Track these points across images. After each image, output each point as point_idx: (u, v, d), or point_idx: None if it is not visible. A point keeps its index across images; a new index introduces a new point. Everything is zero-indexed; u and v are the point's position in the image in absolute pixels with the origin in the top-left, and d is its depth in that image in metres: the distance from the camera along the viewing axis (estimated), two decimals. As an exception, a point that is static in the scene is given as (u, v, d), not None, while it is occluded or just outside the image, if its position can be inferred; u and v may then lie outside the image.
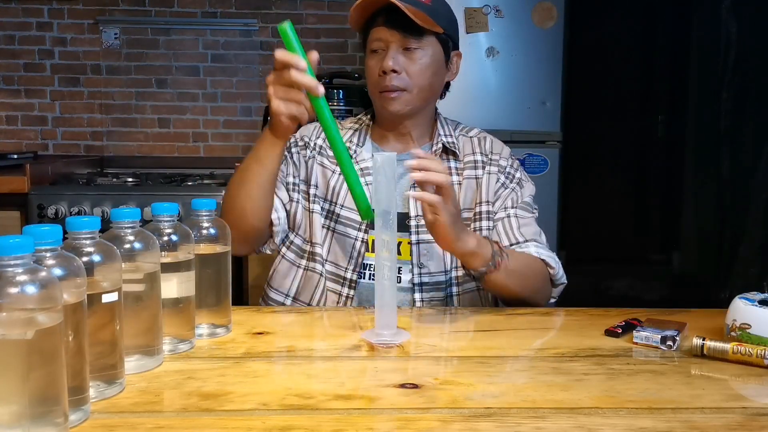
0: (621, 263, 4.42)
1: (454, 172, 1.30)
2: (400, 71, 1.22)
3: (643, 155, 4.71)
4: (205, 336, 0.96)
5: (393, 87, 1.22)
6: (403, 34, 1.21)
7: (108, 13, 2.92)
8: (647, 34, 4.58)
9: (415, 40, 1.22)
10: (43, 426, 0.60)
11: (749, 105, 3.35)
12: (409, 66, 1.22)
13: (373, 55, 1.25)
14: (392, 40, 1.22)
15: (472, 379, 0.81)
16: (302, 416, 0.70)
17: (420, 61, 1.23)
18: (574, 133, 3.45)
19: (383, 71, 1.22)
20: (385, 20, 1.21)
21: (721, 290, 3.32)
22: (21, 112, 2.95)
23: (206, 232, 0.96)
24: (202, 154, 2.99)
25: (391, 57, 1.21)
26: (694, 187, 3.97)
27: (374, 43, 1.24)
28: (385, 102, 1.25)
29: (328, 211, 1.28)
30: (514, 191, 1.29)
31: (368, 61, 1.27)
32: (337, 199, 1.28)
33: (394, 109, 1.24)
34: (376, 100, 1.28)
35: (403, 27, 1.20)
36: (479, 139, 1.35)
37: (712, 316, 1.03)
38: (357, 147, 1.31)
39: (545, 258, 1.22)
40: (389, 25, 1.21)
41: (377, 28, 1.23)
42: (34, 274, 0.60)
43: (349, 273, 1.25)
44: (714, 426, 0.69)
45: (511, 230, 1.25)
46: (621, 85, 4.56)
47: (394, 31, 1.21)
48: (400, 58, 1.22)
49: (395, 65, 1.21)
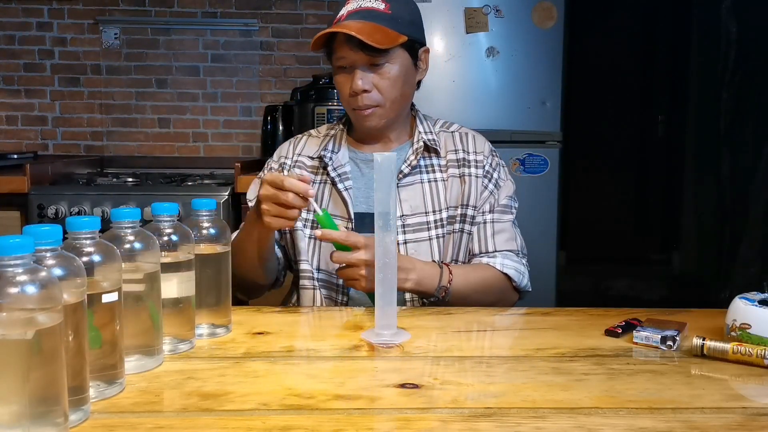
0: (621, 263, 4.42)
1: (437, 168, 1.30)
2: (371, 89, 1.21)
3: (643, 155, 4.71)
4: (205, 336, 0.96)
5: (365, 105, 1.22)
6: (368, 53, 1.18)
7: (108, 13, 2.92)
8: (647, 34, 4.58)
9: (381, 56, 1.20)
10: (43, 426, 0.60)
11: (749, 105, 3.35)
12: (379, 82, 1.22)
13: (341, 71, 1.24)
14: (357, 59, 1.20)
15: (472, 379, 0.81)
16: (302, 416, 0.70)
17: (389, 75, 1.22)
18: (574, 133, 3.45)
19: (354, 92, 1.21)
20: (347, 38, 1.18)
21: (721, 290, 3.32)
22: (21, 112, 2.94)
23: (206, 232, 0.96)
24: (202, 154, 2.99)
25: (360, 77, 1.20)
26: (694, 187, 3.97)
27: (339, 60, 1.22)
28: (359, 119, 1.25)
29: (312, 221, 1.28)
30: (492, 194, 1.31)
31: (336, 77, 1.25)
32: (320, 205, 1.28)
33: (370, 125, 1.25)
34: (351, 116, 1.28)
35: (363, 46, 1.17)
36: (461, 135, 1.34)
37: (712, 316, 1.03)
38: (332, 153, 1.30)
39: (508, 272, 1.25)
40: (352, 45, 1.18)
41: (341, 46, 1.20)
42: (34, 274, 0.60)
43: (341, 279, 1.25)
44: (714, 426, 0.69)
45: (485, 238, 1.28)
46: (621, 85, 4.56)
47: (357, 50, 1.18)
48: (369, 75, 1.21)
49: (365, 85, 1.20)
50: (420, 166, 1.30)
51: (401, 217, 1.26)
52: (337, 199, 1.27)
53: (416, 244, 1.25)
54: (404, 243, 1.25)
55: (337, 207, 1.27)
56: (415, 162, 1.29)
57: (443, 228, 1.28)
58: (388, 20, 1.19)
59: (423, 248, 1.25)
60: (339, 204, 1.27)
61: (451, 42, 2.47)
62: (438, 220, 1.28)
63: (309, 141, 1.35)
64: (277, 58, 2.96)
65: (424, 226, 1.27)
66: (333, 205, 1.27)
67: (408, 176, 1.28)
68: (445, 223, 1.28)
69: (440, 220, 1.28)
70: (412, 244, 1.25)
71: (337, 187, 1.27)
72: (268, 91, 2.97)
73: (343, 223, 1.26)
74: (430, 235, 1.26)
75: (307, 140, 1.35)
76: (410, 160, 1.29)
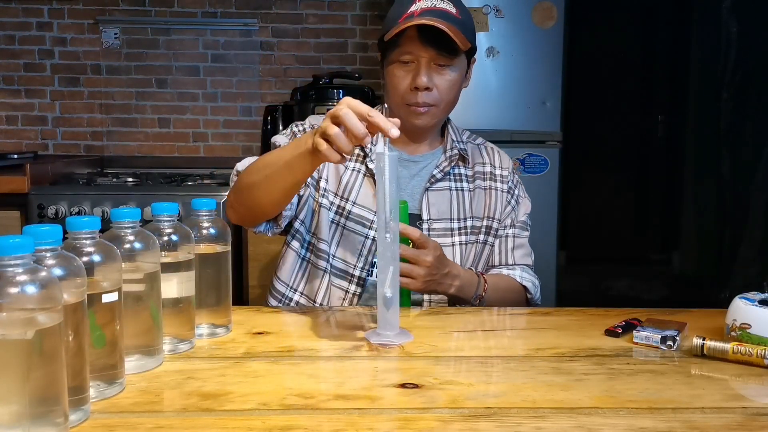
0: (621, 263, 4.43)
1: (465, 178, 1.33)
2: (432, 88, 1.22)
3: (643, 155, 4.71)
4: (205, 336, 0.96)
5: (424, 103, 1.22)
6: (438, 52, 1.19)
7: (108, 13, 2.91)
8: (647, 35, 4.59)
9: (448, 58, 1.20)
10: (43, 426, 0.60)
11: (749, 105, 3.35)
12: (440, 82, 1.22)
13: (402, 66, 1.22)
14: (425, 56, 1.20)
15: (472, 379, 0.81)
16: (302, 416, 0.70)
17: (449, 78, 1.23)
18: (574, 133, 3.46)
19: (416, 87, 1.21)
20: (420, 34, 1.18)
21: (721, 290, 3.33)
22: (21, 112, 2.94)
23: (206, 232, 0.96)
24: (202, 154, 2.99)
25: (425, 74, 1.20)
26: (694, 187, 3.97)
27: (405, 55, 1.21)
28: (412, 116, 1.25)
29: (339, 207, 1.28)
30: (514, 210, 1.35)
31: (395, 70, 1.23)
32: (349, 196, 1.27)
33: (422, 123, 1.26)
34: (400, 111, 1.25)
35: (438, 44, 1.18)
36: (486, 149, 1.39)
37: (712, 316, 1.03)
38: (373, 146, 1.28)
39: (526, 284, 1.30)
40: (424, 41, 1.18)
41: (410, 41, 1.19)
42: (34, 274, 0.60)
43: (357, 270, 1.26)
44: (714, 426, 0.69)
45: (506, 251, 1.34)
46: (621, 85, 4.56)
47: (429, 47, 1.19)
48: (432, 74, 1.21)
49: (429, 83, 1.20)
50: (450, 173, 1.32)
51: (428, 220, 1.28)
52: (366, 191, 1.27)
53: None
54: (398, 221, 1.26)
55: (365, 199, 1.27)
56: (447, 168, 1.31)
57: (466, 236, 1.30)
58: (460, 24, 1.19)
59: (446, 253, 1.24)
60: (368, 196, 1.27)
61: (451, 42, 2.46)
62: (462, 228, 1.30)
63: None
64: (277, 58, 2.96)
65: (449, 232, 1.29)
66: (362, 196, 1.27)
67: (439, 181, 1.31)
68: (468, 231, 1.30)
69: (464, 228, 1.30)
70: None
71: (373, 179, 1.26)
72: (268, 91, 2.97)
73: (372, 216, 1.25)
74: (453, 242, 1.29)
75: None
76: (443, 166, 1.31)
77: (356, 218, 1.27)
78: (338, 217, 1.28)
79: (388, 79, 1.26)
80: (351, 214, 1.27)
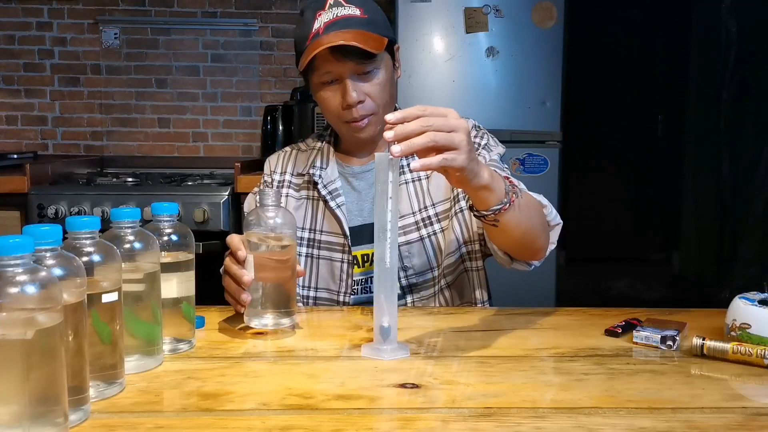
0: (621, 263, 4.43)
1: None
2: (364, 99, 1.16)
3: (643, 155, 4.71)
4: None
5: (361, 117, 1.16)
6: (357, 62, 1.13)
7: (108, 13, 2.92)
8: (647, 34, 4.59)
9: (370, 63, 1.14)
10: (43, 426, 0.60)
11: (749, 105, 3.35)
12: (370, 89, 1.16)
13: (327, 86, 1.17)
14: (344, 70, 1.14)
15: (472, 379, 0.81)
16: (302, 416, 0.70)
17: (379, 81, 1.16)
18: (574, 133, 3.46)
19: (348, 105, 1.15)
20: (331, 52, 1.11)
21: (721, 290, 3.33)
22: (21, 112, 2.95)
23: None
24: (202, 154, 2.99)
25: (353, 88, 1.14)
26: (694, 187, 3.97)
27: (324, 75, 1.16)
28: (354, 131, 1.19)
29: (309, 240, 1.26)
30: (480, 156, 1.21)
31: (322, 92, 1.18)
32: (316, 226, 1.26)
33: (367, 134, 1.20)
34: (341, 129, 1.22)
35: (353, 56, 1.12)
36: None
37: (712, 316, 1.03)
38: (321, 170, 1.26)
39: (536, 196, 1.10)
40: (339, 57, 1.12)
41: (325, 61, 1.13)
42: (34, 274, 0.60)
43: (341, 296, 1.24)
44: (714, 426, 0.69)
45: None
46: (621, 85, 4.56)
47: (346, 61, 1.12)
48: (359, 84, 1.15)
49: (359, 96, 1.14)
50: (403, 166, 1.26)
51: None
52: (329, 217, 1.25)
53: (408, 246, 1.23)
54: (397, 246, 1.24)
55: (330, 224, 1.25)
56: None
57: (432, 225, 1.25)
58: (368, 24, 1.13)
59: (416, 249, 1.23)
60: (332, 221, 1.25)
61: (451, 42, 2.47)
62: (426, 218, 1.25)
63: (298, 156, 1.32)
64: (277, 58, 2.96)
65: (414, 226, 1.24)
66: (326, 223, 1.25)
67: None
68: (434, 220, 1.25)
69: (428, 218, 1.25)
70: (404, 246, 1.23)
71: (329, 206, 1.24)
72: (267, 91, 2.97)
73: (340, 240, 1.24)
74: (421, 235, 1.24)
75: (297, 155, 1.32)
76: None
77: (327, 245, 1.25)
78: (311, 249, 1.26)
79: (319, 103, 1.21)
80: (322, 243, 1.25)
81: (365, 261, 1.24)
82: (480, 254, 1.27)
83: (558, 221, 1.13)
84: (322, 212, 1.26)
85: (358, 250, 1.23)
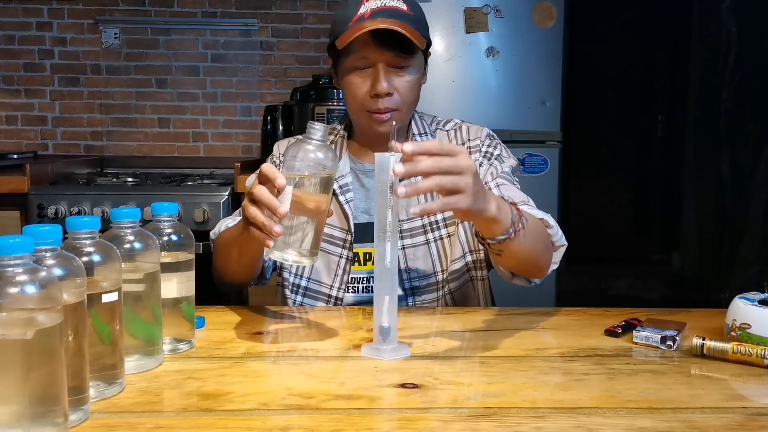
0: (621, 263, 4.43)
1: None
2: (393, 92, 1.16)
3: (643, 155, 4.71)
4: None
5: (386, 109, 1.17)
6: (396, 54, 1.14)
7: (108, 13, 2.92)
8: (647, 34, 4.59)
9: (408, 58, 1.16)
10: (43, 426, 0.60)
11: (749, 105, 3.35)
12: (400, 85, 1.17)
13: (358, 72, 1.17)
14: (381, 60, 1.14)
15: (472, 379, 0.81)
16: (302, 416, 0.70)
17: (409, 80, 1.17)
18: (574, 133, 3.46)
19: (376, 94, 1.15)
20: (374, 38, 1.12)
21: (721, 290, 3.32)
22: (21, 112, 2.95)
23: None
24: (202, 154, 2.99)
25: (384, 78, 1.14)
26: (694, 187, 3.97)
27: (360, 61, 1.16)
28: (375, 123, 1.19)
29: None
30: (492, 166, 1.25)
31: (352, 77, 1.18)
32: None
33: (386, 129, 1.19)
34: (361, 119, 1.21)
35: (394, 46, 1.13)
36: (455, 131, 1.30)
37: (712, 316, 1.03)
38: None
39: (542, 217, 1.11)
40: (380, 44, 1.13)
41: (364, 45, 1.14)
42: (34, 274, 0.60)
43: (334, 291, 1.24)
44: (714, 426, 0.69)
45: None
46: (621, 85, 4.56)
47: (385, 50, 1.13)
48: (391, 77, 1.16)
49: (390, 87, 1.15)
50: None
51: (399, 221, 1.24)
52: (337, 211, 1.25)
53: (414, 249, 1.23)
54: (402, 248, 1.23)
55: (337, 218, 1.25)
56: None
57: (439, 230, 1.25)
58: (413, 21, 1.13)
59: (421, 252, 1.23)
60: (339, 215, 1.25)
61: (451, 42, 2.47)
62: (433, 222, 1.25)
63: None
64: (277, 58, 2.96)
65: (420, 230, 1.25)
66: (334, 217, 1.24)
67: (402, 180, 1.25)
68: (440, 225, 1.25)
69: (435, 222, 1.25)
70: (409, 249, 1.23)
71: (338, 199, 1.24)
72: (268, 91, 2.97)
73: (343, 235, 1.24)
74: (427, 239, 1.25)
75: None
76: None
77: (327, 238, 1.24)
78: None
79: (345, 88, 1.21)
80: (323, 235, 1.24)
81: (367, 259, 1.24)
82: (485, 263, 1.28)
83: (563, 243, 1.15)
84: None
85: (361, 247, 1.23)
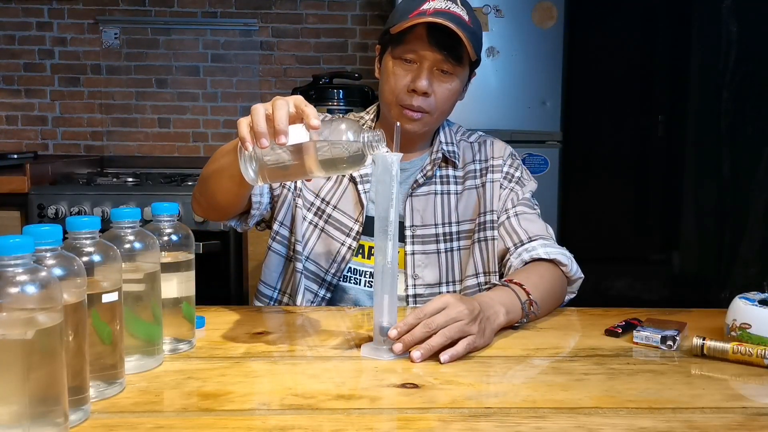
0: (621, 263, 4.42)
1: (452, 180, 1.27)
2: (430, 94, 1.16)
3: (643, 155, 4.71)
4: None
5: (418, 108, 1.16)
6: (445, 57, 1.14)
7: (108, 13, 2.91)
8: (647, 34, 4.58)
9: (452, 66, 1.15)
10: (43, 426, 0.60)
11: (749, 105, 3.35)
12: (439, 90, 1.16)
13: (403, 64, 1.16)
14: (430, 59, 1.14)
15: (472, 379, 0.81)
16: (302, 416, 0.70)
17: (450, 87, 1.17)
18: (574, 133, 3.45)
19: (414, 89, 1.15)
20: (429, 35, 1.12)
21: (721, 290, 3.32)
22: (21, 112, 2.94)
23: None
24: (202, 154, 2.99)
25: (426, 77, 1.14)
26: (694, 187, 3.97)
27: (409, 53, 1.15)
28: (404, 119, 1.18)
29: (318, 209, 1.25)
30: (513, 191, 1.26)
31: (395, 67, 1.17)
32: (330, 200, 1.25)
33: (413, 129, 1.19)
34: (392, 111, 1.20)
35: (446, 48, 1.13)
36: (479, 144, 1.31)
37: (712, 316, 1.03)
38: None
39: (555, 257, 1.15)
40: (433, 42, 1.13)
41: (418, 39, 1.13)
42: (34, 274, 0.60)
43: (329, 276, 1.23)
44: (714, 426, 0.69)
45: (514, 231, 1.22)
46: (621, 85, 4.56)
47: (436, 50, 1.13)
48: (433, 79, 1.16)
49: (428, 88, 1.15)
50: (435, 176, 1.26)
51: (411, 227, 1.24)
52: (350, 198, 1.24)
53: (424, 256, 1.23)
54: (412, 254, 1.23)
55: (348, 205, 1.24)
56: (431, 173, 1.25)
57: (452, 242, 1.25)
58: (471, 33, 1.13)
59: (431, 260, 1.23)
60: (352, 204, 1.24)
61: (451, 42, 2.46)
62: (447, 234, 1.25)
63: None
64: (277, 58, 2.96)
65: (433, 238, 1.24)
66: (344, 202, 1.24)
67: (423, 186, 1.25)
68: (455, 237, 1.25)
69: (449, 234, 1.25)
70: (420, 255, 1.23)
71: (357, 188, 1.24)
72: (268, 91, 2.96)
73: (350, 223, 1.24)
74: (438, 248, 1.24)
75: None
76: (426, 170, 1.25)
77: (335, 223, 1.24)
78: (316, 218, 1.25)
79: (385, 75, 1.20)
80: (331, 218, 1.24)
81: (371, 254, 1.24)
82: None
83: (579, 276, 1.19)
84: (344, 190, 1.26)
85: (369, 240, 1.23)
